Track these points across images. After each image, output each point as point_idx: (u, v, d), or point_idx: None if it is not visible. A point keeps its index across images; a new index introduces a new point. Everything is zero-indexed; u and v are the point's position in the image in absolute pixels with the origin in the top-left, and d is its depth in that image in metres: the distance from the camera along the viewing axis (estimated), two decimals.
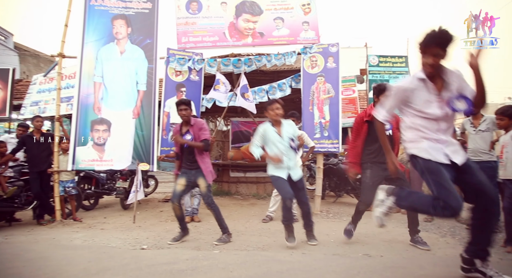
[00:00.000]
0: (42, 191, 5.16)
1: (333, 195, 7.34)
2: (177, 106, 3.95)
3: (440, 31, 2.14)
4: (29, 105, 9.00)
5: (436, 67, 2.20)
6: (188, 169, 3.90)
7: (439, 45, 2.14)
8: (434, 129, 2.28)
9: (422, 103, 2.25)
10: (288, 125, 3.68)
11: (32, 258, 2.95)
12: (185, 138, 3.89)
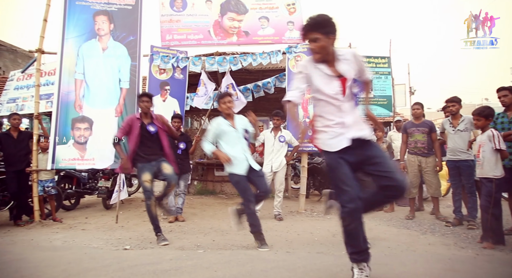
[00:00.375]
0: (20, 191, 5.00)
1: (318, 194, 7.42)
2: (140, 98, 4.05)
3: (314, 17, 2.22)
4: (6, 102, 8.69)
5: (320, 52, 2.23)
6: (147, 162, 3.88)
7: (315, 30, 2.19)
8: (337, 112, 2.28)
9: (320, 86, 2.28)
10: (240, 119, 3.70)
11: (8, 260, 2.86)
12: (148, 129, 3.94)
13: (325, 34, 2.18)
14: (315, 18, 2.20)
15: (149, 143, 3.95)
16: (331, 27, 2.20)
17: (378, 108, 9.49)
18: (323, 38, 2.18)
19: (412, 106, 5.34)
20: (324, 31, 2.18)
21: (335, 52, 2.27)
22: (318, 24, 2.19)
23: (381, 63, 9.56)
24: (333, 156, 2.24)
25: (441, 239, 3.76)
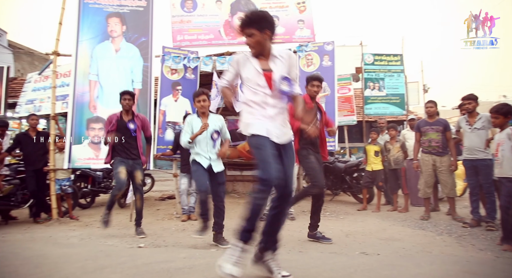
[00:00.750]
0: (39, 189, 5.13)
1: (330, 193, 7.37)
2: (122, 96, 4.16)
3: (250, 13, 2.30)
4: (24, 104, 8.93)
5: (255, 46, 2.31)
6: (126, 158, 4.04)
7: (251, 26, 2.26)
8: (263, 104, 2.34)
9: (251, 77, 2.35)
10: (216, 119, 3.73)
11: (29, 256, 2.94)
12: (128, 126, 4.09)
13: (260, 30, 2.26)
14: (250, 14, 2.29)
15: (127, 139, 4.09)
16: (266, 23, 2.28)
17: (390, 106, 9.37)
18: (258, 34, 2.26)
19: (425, 105, 5.25)
20: (259, 27, 2.26)
21: (271, 49, 2.36)
22: (253, 20, 2.27)
23: (394, 61, 9.43)
24: (258, 138, 2.29)
25: (458, 241, 3.68)
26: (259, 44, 2.30)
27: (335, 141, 5.78)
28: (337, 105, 6.04)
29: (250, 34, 2.28)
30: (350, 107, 9.71)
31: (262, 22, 2.27)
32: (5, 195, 4.87)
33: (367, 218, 5.12)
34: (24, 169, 5.23)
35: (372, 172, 5.83)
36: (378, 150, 5.87)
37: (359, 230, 4.25)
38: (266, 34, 2.28)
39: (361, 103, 10.05)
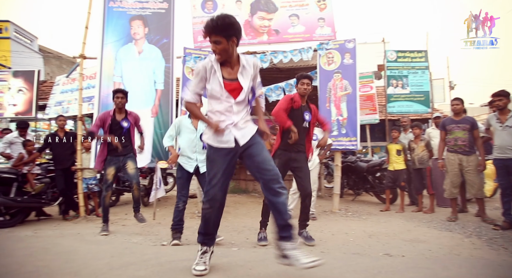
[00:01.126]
0: (67, 188, 5.34)
1: (352, 193, 7.27)
2: (114, 94, 4.29)
3: (216, 19, 2.22)
4: (53, 105, 9.30)
5: (221, 54, 2.29)
6: (115, 156, 4.18)
7: (217, 33, 2.22)
8: (227, 112, 2.40)
9: (215, 87, 2.36)
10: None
11: (59, 252, 3.06)
12: (122, 124, 4.22)
13: (226, 38, 2.23)
14: (217, 20, 2.21)
15: (120, 137, 4.21)
16: (233, 30, 2.25)
17: (414, 104, 9.13)
18: (224, 41, 2.23)
19: (451, 102, 5.08)
20: (226, 34, 2.22)
21: (237, 56, 2.36)
22: (220, 27, 2.21)
23: (418, 57, 9.18)
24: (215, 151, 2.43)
25: (489, 243, 3.53)
26: (226, 52, 2.28)
27: (357, 140, 5.68)
28: (359, 103, 5.93)
29: (216, 42, 2.25)
30: (372, 105, 9.53)
31: (230, 30, 2.23)
32: (36, 193, 5.09)
33: (391, 218, 5.01)
34: (54, 168, 5.45)
35: (394, 171, 5.70)
36: (400, 149, 5.73)
37: (383, 231, 4.17)
38: (233, 42, 2.27)
39: (384, 101, 9.85)
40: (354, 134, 5.67)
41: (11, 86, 8.70)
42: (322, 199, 7.08)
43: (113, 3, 5.76)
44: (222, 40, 2.23)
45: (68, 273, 2.43)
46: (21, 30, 17.06)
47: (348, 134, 5.72)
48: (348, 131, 5.71)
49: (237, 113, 2.40)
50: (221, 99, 2.37)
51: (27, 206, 5.05)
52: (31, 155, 5.31)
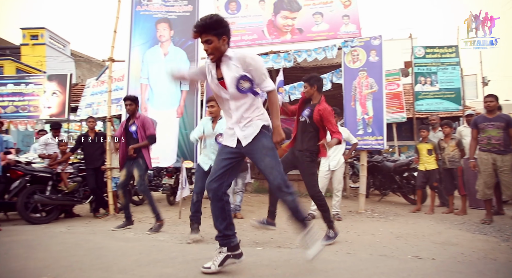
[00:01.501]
0: (97, 187, 5.55)
1: (378, 194, 7.10)
2: (124, 101, 4.54)
3: (206, 18, 2.28)
4: (84, 107, 9.68)
5: (213, 52, 2.30)
6: (128, 159, 4.39)
7: (208, 31, 2.25)
8: (226, 109, 2.48)
9: (214, 89, 2.46)
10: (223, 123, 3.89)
11: (91, 248, 3.19)
12: (130, 128, 4.43)
13: (217, 36, 2.26)
14: (205, 19, 2.27)
15: (130, 140, 4.42)
16: (223, 28, 2.29)
17: (444, 102, 8.80)
18: (215, 40, 2.26)
19: (484, 99, 4.84)
20: (217, 33, 2.26)
21: (224, 54, 2.34)
22: (210, 25, 2.25)
23: (448, 53, 8.82)
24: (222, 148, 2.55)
25: None
26: (218, 50, 2.30)
27: (383, 139, 5.55)
28: (385, 102, 5.78)
29: (207, 41, 2.27)
30: (399, 103, 9.27)
31: (219, 28, 2.27)
32: (69, 191, 5.33)
33: (420, 220, 4.85)
34: (85, 168, 5.68)
35: (425, 171, 5.51)
36: (431, 148, 5.53)
37: (411, 232, 4.04)
38: (224, 40, 2.30)
39: (411, 99, 9.55)
40: (380, 133, 5.54)
41: (46, 89, 9.12)
42: (348, 199, 6.96)
43: (140, 7, 5.92)
44: (213, 39, 2.26)
45: (99, 268, 2.53)
46: (55, 36, 17.86)
47: (374, 133, 5.59)
48: (374, 130, 5.59)
49: (236, 110, 2.41)
50: (222, 98, 2.45)
51: (61, 204, 5.29)
52: (64, 155, 5.57)
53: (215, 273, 2.40)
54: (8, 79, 9.39)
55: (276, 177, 2.37)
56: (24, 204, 4.90)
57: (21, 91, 9.12)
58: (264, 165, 2.38)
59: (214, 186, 2.43)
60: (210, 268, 2.41)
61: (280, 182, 2.38)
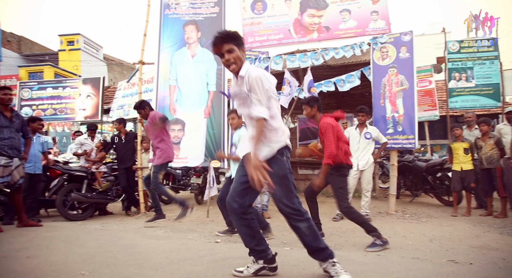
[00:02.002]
0: (129, 186, 5.74)
1: (409, 194, 6.87)
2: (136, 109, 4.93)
3: (224, 31, 2.30)
4: (116, 109, 10.05)
5: (236, 62, 2.24)
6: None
7: (230, 41, 2.23)
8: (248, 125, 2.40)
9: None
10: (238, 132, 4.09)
11: (124, 245, 3.30)
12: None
13: (237, 46, 2.25)
14: (224, 32, 2.28)
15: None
16: (241, 39, 2.29)
17: (481, 98, 8.35)
18: (236, 49, 2.25)
19: None
20: (236, 43, 2.26)
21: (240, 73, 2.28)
22: (230, 36, 2.26)
23: (485, 46, 8.36)
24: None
25: None
26: (240, 60, 2.26)
27: (415, 138, 5.36)
28: (417, 99, 5.58)
29: (230, 50, 2.24)
30: (431, 101, 8.92)
31: (238, 39, 2.28)
32: (103, 190, 5.56)
33: (455, 222, 4.65)
34: (117, 167, 5.90)
35: (461, 172, 5.26)
36: (467, 147, 5.28)
37: (445, 235, 3.88)
38: (243, 50, 2.30)
39: (445, 96, 9.16)
40: (412, 132, 5.36)
41: (81, 92, 9.56)
42: (377, 199, 6.79)
43: (169, 10, 6.07)
44: (235, 48, 2.25)
45: (132, 264, 2.61)
46: (89, 41, 18.70)
47: (404, 132, 5.42)
48: (404, 129, 5.41)
49: (251, 127, 2.35)
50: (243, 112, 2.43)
51: (96, 201, 5.53)
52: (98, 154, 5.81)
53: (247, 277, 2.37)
54: (48, 84, 9.93)
55: (282, 208, 2.27)
56: (62, 201, 5.17)
57: (59, 95, 9.62)
58: (272, 194, 2.30)
59: (235, 206, 2.31)
60: (243, 273, 2.38)
61: (288, 212, 2.26)
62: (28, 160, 4.65)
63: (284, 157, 2.29)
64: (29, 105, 9.45)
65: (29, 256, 2.81)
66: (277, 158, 2.26)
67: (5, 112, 4.19)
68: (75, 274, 2.34)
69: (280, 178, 2.23)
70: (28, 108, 9.41)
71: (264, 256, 2.38)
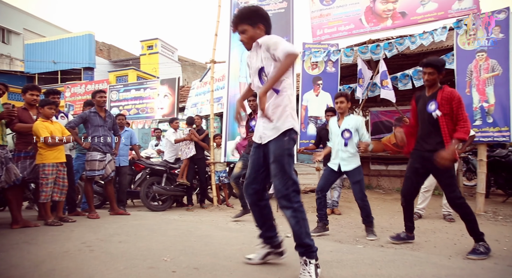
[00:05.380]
0: (201, 180, 6.08)
1: (502, 194, 6.10)
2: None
3: (240, 9, 2.30)
4: (190, 107, 10.70)
5: (249, 42, 2.28)
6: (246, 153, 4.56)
7: (243, 22, 2.26)
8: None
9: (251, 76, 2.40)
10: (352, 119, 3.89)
11: (199, 235, 3.52)
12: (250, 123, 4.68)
13: (252, 25, 2.25)
14: (241, 10, 2.30)
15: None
16: (258, 17, 2.27)
17: None
18: (250, 29, 2.25)
19: None
20: (251, 22, 2.25)
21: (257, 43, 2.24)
22: (244, 15, 2.27)
23: None
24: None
25: None
26: (252, 40, 2.26)
27: (509, 130, 4.72)
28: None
29: (243, 31, 2.27)
30: None
31: (254, 17, 2.27)
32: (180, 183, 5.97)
33: None
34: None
35: None
36: None
37: None
38: (259, 28, 2.27)
39: None
40: (506, 123, 4.73)
41: (159, 92, 10.38)
42: None
43: (238, 9, 6.23)
44: (248, 28, 2.26)
45: (208, 254, 2.77)
46: (166, 45, 20.19)
47: (496, 124, 4.81)
48: (496, 120, 4.80)
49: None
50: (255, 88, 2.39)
51: (174, 194, 5.97)
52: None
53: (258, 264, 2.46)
54: (132, 86, 10.97)
55: (276, 186, 2.18)
56: (145, 193, 5.69)
57: (141, 96, 10.56)
58: (271, 170, 2.22)
59: (250, 192, 2.38)
60: (253, 259, 2.50)
61: (280, 191, 2.16)
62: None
63: (286, 137, 2.20)
64: (117, 106, 10.56)
65: (120, 241, 3.16)
66: (281, 138, 2.19)
67: (100, 113, 4.76)
68: (159, 259, 2.56)
69: (279, 155, 2.18)
70: (116, 109, 10.51)
71: (270, 242, 2.49)
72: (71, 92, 13.33)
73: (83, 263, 2.46)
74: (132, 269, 2.32)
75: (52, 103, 4.13)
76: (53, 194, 4.05)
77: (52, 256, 2.61)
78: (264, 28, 2.31)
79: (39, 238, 3.25)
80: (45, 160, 3.99)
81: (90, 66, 17.72)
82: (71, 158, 4.82)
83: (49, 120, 4.12)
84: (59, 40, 18.27)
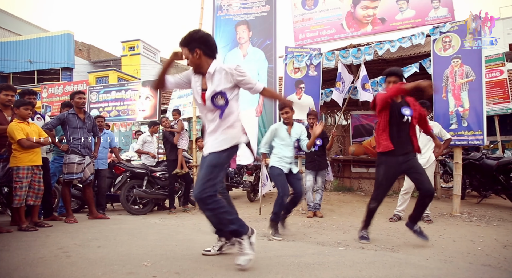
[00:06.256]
0: (186, 182, 6.02)
1: (476, 195, 6.32)
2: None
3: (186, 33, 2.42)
4: (172, 109, 10.56)
5: (190, 65, 2.47)
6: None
7: (183, 45, 2.42)
8: (206, 121, 2.55)
9: (195, 95, 2.54)
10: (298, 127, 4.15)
11: (181, 239, 3.48)
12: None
13: (190, 50, 2.40)
14: (184, 35, 2.43)
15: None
16: (195, 42, 2.39)
17: None
18: (189, 55, 2.41)
19: None
20: (190, 47, 2.40)
21: (207, 67, 2.43)
22: (183, 40, 2.42)
23: None
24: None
25: None
26: (192, 63, 2.44)
27: (483, 133, 4.90)
28: (485, 91, 5.09)
29: (187, 54, 2.43)
30: (503, 93, 8.11)
31: (191, 43, 2.39)
32: (161, 186, 5.88)
33: None
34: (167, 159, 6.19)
35: None
36: None
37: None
38: (197, 54, 2.39)
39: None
40: (479, 127, 4.91)
41: (140, 94, 10.21)
42: (439, 200, 6.34)
43: (221, 12, 6.23)
44: (187, 54, 2.42)
45: (190, 258, 2.74)
46: (148, 46, 19.90)
47: (470, 128, 4.98)
48: (470, 124, 4.97)
49: (212, 122, 2.48)
50: (201, 108, 2.55)
51: (155, 197, 5.87)
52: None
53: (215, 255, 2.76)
54: (112, 87, 10.74)
55: (196, 189, 2.42)
56: (126, 196, 5.57)
57: (122, 97, 10.36)
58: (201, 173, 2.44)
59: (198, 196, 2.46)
60: (211, 251, 2.81)
61: (198, 195, 2.37)
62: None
63: (226, 153, 2.46)
64: (97, 108, 10.32)
65: (99, 246, 3.08)
66: (220, 153, 2.44)
67: (79, 115, 4.64)
68: (139, 264, 2.51)
69: (209, 165, 2.42)
70: (96, 110, 10.26)
71: (225, 234, 2.70)
72: (48, 93, 12.92)
73: (59, 269, 2.38)
74: (111, 275, 2.26)
75: (28, 103, 4.00)
76: (27, 198, 3.91)
77: (26, 263, 2.51)
78: (203, 52, 2.42)
79: (12, 244, 3.12)
80: (20, 163, 3.85)
81: (69, 66, 17.27)
82: (47, 160, 4.67)
83: (25, 121, 3.99)
84: (36, 38, 17.73)
